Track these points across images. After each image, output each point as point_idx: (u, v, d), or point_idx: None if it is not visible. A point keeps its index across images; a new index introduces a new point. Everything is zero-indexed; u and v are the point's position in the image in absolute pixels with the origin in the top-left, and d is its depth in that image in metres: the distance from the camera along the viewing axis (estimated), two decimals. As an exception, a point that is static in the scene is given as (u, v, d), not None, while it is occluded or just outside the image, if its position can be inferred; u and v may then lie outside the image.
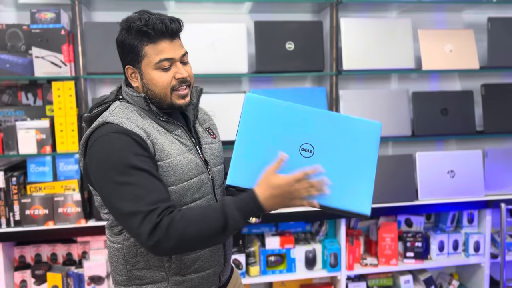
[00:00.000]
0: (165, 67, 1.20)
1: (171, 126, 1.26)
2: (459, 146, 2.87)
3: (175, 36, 1.22)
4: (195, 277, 1.27)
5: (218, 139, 1.41)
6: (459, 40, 2.60)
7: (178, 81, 1.22)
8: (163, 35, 1.19)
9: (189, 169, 1.23)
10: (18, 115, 2.35)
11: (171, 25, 1.18)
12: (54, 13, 2.21)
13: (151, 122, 1.23)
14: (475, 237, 2.64)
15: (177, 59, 1.22)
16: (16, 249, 2.39)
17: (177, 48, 1.22)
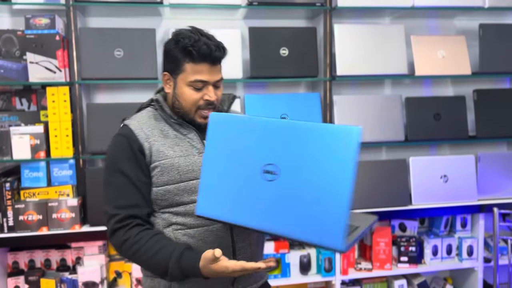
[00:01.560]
0: (197, 87, 1.27)
1: (184, 129, 1.32)
2: (452, 151, 2.89)
3: (217, 62, 1.29)
4: (198, 282, 1.25)
5: None
6: (451, 46, 2.63)
7: (205, 103, 1.29)
8: (205, 59, 1.25)
9: (188, 171, 1.26)
10: (12, 121, 2.34)
11: (215, 52, 1.26)
12: (49, 18, 2.22)
13: (164, 125, 1.32)
14: (469, 241, 2.66)
15: (211, 83, 1.29)
16: (10, 255, 2.38)
17: (215, 73, 1.29)
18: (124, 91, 2.54)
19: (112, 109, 2.32)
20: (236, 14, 2.54)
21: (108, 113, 2.30)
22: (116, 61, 2.30)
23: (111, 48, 2.29)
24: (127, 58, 2.30)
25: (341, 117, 2.52)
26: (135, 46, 2.31)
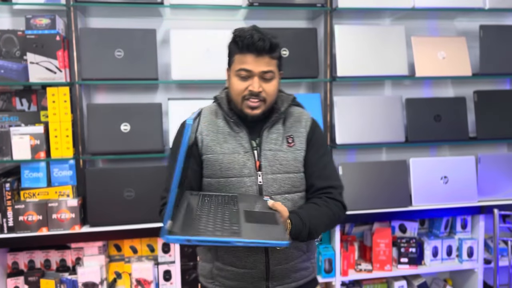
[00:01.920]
0: (242, 75, 1.32)
1: (237, 127, 1.39)
2: (452, 152, 2.89)
3: (262, 53, 1.30)
4: (231, 270, 1.36)
5: (296, 148, 1.39)
6: (451, 47, 2.63)
7: (249, 93, 1.32)
8: (249, 49, 1.30)
9: (230, 168, 1.35)
10: (12, 121, 2.34)
11: (258, 42, 1.29)
12: (49, 19, 2.21)
13: (222, 121, 1.41)
14: (469, 242, 2.66)
15: (256, 73, 1.31)
16: (9, 255, 2.37)
17: (260, 64, 1.31)
18: (124, 91, 2.54)
19: (112, 110, 2.32)
20: (237, 15, 2.54)
21: (108, 114, 2.30)
22: (116, 61, 2.30)
23: (111, 49, 2.29)
24: (127, 58, 2.30)
25: (341, 117, 2.52)
26: (136, 46, 2.31)
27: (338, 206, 1.36)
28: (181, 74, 2.37)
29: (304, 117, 1.45)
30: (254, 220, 1.09)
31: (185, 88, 2.59)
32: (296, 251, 1.38)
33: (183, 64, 2.36)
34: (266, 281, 1.37)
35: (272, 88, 1.35)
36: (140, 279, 2.35)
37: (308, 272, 1.43)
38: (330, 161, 1.43)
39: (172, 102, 2.39)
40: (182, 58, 2.36)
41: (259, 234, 1.02)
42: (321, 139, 1.44)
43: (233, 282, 1.37)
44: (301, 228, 1.25)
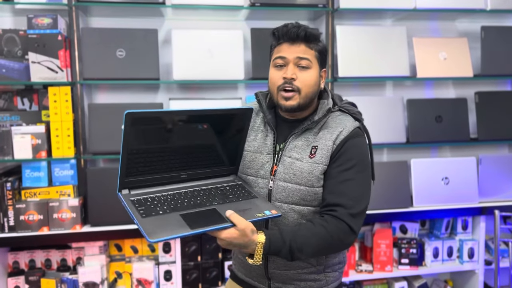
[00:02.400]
0: (277, 64, 1.30)
1: (268, 127, 1.38)
2: (453, 153, 2.89)
3: (296, 40, 1.27)
4: (242, 260, 1.44)
5: (315, 161, 1.29)
6: (453, 48, 2.63)
7: (284, 82, 1.29)
8: (283, 38, 1.29)
9: (249, 167, 1.38)
10: (14, 120, 2.34)
11: (292, 29, 1.27)
12: (51, 18, 2.21)
13: (260, 118, 1.42)
14: (469, 243, 2.66)
15: (291, 60, 1.28)
16: (10, 254, 2.37)
17: (295, 51, 1.27)
18: (126, 91, 2.54)
19: (114, 109, 2.31)
20: (238, 15, 2.54)
21: (109, 113, 2.30)
22: (118, 61, 2.30)
23: (113, 48, 2.29)
24: (129, 58, 2.30)
25: (342, 118, 2.51)
26: (137, 46, 2.31)
27: (339, 227, 1.22)
28: (182, 74, 2.37)
29: (341, 128, 1.30)
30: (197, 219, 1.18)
31: (187, 88, 2.59)
32: (300, 262, 1.34)
33: (184, 64, 2.36)
34: (268, 280, 1.39)
35: (308, 77, 1.27)
36: (141, 279, 2.35)
37: (318, 284, 1.36)
38: (357, 178, 1.27)
39: (173, 102, 2.39)
40: (184, 58, 2.36)
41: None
42: (352, 151, 1.28)
43: (244, 270, 1.45)
44: (281, 245, 1.20)
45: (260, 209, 1.23)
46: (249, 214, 1.20)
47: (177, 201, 1.23)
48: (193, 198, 1.25)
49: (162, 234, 1.08)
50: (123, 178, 1.22)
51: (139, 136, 1.21)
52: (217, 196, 1.27)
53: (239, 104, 2.46)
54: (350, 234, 1.24)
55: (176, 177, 1.31)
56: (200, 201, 1.24)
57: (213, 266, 2.42)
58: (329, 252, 1.31)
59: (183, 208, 1.20)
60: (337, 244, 1.25)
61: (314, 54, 1.29)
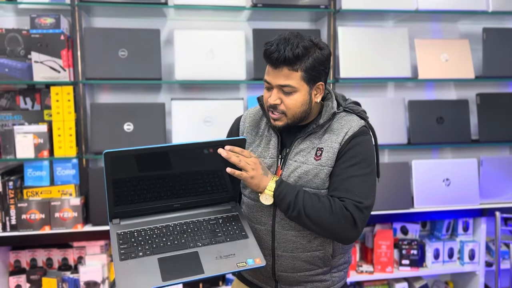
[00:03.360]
0: (265, 86, 1.30)
1: (272, 131, 1.38)
2: (454, 154, 2.89)
3: (278, 65, 1.23)
4: (250, 272, 1.44)
5: (320, 163, 1.28)
6: (454, 50, 2.64)
7: (269, 105, 1.29)
8: (267, 60, 1.25)
9: None
10: (16, 120, 2.35)
11: (272, 54, 1.21)
12: (54, 18, 2.22)
13: (264, 123, 1.41)
14: (470, 245, 2.66)
15: (273, 85, 1.26)
16: (12, 253, 2.38)
17: (277, 77, 1.24)
18: (128, 91, 2.54)
19: (116, 109, 2.32)
20: (240, 15, 2.54)
21: (111, 113, 2.31)
22: (120, 61, 2.30)
23: (115, 48, 2.30)
24: (131, 58, 2.31)
25: (344, 119, 2.52)
26: (140, 46, 2.32)
27: (344, 213, 1.22)
28: (184, 74, 2.37)
29: (346, 129, 1.30)
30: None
31: (188, 88, 2.60)
32: (307, 264, 1.33)
33: (186, 64, 2.37)
34: (275, 282, 1.39)
35: (292, 102, 1.25)
36: (142, 279, 2.36)
37: (324, 284, 1.37)
38: (361, 174, 1.26)
39: (175, 102, 2.40)
40: (186, 59, 2.37)
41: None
42: (357, 149, 1.28)
43: (251, 272, 1.45)
44: (290, 190, 1.23)
45: (244, 256, 1.20)
46: (231, 263, 1.18)
47: (161, 239, 1.21)
48: (179, 236, 1.23)
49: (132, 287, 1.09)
50: (112, 208, 1.23)
51: (122, 170, 1.20)
52: (205, 234, 1.24)
53: (241, 105, 2.46)
54: (352, 226, 1.23)
55: (169, 206, 1.29)
56: (185, 240, 1.21)
57: (214, 266, 2.42)
58: (326, 231, 1.25)
59: (165, 249, 1.18)
60: (336, 226, 1.23)
61: (300, 75, 1.22)
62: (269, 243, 1.34)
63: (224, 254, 1.19)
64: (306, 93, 1.26)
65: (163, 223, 1.26)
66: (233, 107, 2.43)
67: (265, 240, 1.34)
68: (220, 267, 1.16)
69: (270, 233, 1.33)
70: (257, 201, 1.34)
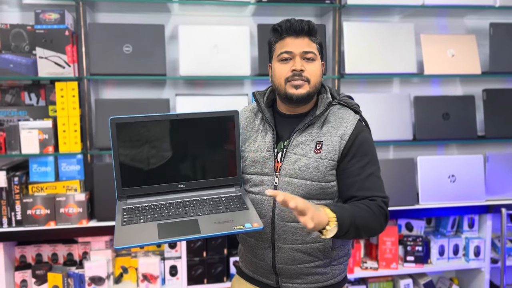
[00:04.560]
0: (284, 58, 1.32)
1: (268, 126, 1.40)
2: (460, 150, 2.87)
3: (301, 34, 1.30)
4: (248, 257, 1.45)
5: (321, 156, 1.30)
6: (461, 45, 2.61)
7: (293, 74, 1.31)
8: (287, 32, 1.31)
9: (251, 166, 1.38)
10: (21, 115, 2.35)
11: (295, 23, 1.29)
12: (59, 14, 2.22)
13: (259, 118, 1.43)
14: (476, 241, 2.65)
15: (297, 54, 1.30)
16: (17, 248, 2.39)
17: (300, 45, 1.30)
18: (132, 87, 2.54)
19: (121, 105, 2.32)
20: (245, 11, 2.53)
21: (116, 109, 2.30)
22: (124, 57, 2.30)
23: (120, 44, 2.29)
24: (135, 54, 2.30)
25: (349, 115, 2.51)
26: (144, 42, 2.31)
27: (380, 211, 1.27)
28: (188, 70, 2.37)
29: (345, 123, 1.33)
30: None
31: (193, 84, 2.59)
32: (307, 256, 1.34)
33: (191, 60, 2.36)
34: (276, 276, 1.39)
35: (314, 69, 1.32)
36: (147, 274, 2.37)
37: (325, 277, 1.38)
38: (374, 171, 1.32)
39: (179, 98, 2.39)
40: (190, 54, 2.36)
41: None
42: (364, 147, 1.32)
43: (251, 267, 1.46)
44: (343, 212, 1.18)
45: (242, 221, 1.22)
46: (228, 226, 1.20)
47: (163, 211, 1.26)
48: (180, 209, 1.28)
49: (128, 242, 1.13)
50: (119, 187, 1.30)
51: (128, 144, 1.27)
52: (206, 207, 1.28)
53: (245, 101, 2.45)
54: (385, 221, 1.30)
55: (174, 187, 1.34)
56: (186, 211, 1.26)
57: (219, 262, 2.43)
58: (373, 233, 1.29)
59: (165, 218, 1.23)
60: (378, 227, 1.28)
61: (316, 47, 1.33)
62: (269, 235, 1.35)
63: (222, 220, 1.23)
64: (320, 65, 1.35)
65: (167, 201, 1.32)
66: (237, 103, 2.42)
67: (265, 232, 1.35)
68: (217, 229, 1.19)
69: (270, 225, 1.34)
70: (256, 193, 1.36)
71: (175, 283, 2.42)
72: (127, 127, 1.27)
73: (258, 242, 1.38)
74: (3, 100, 2.38)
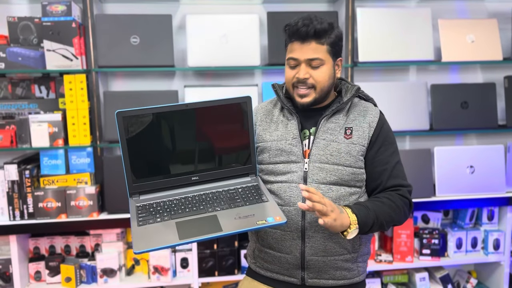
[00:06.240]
0: (291, 65, 1.32)
1: (289, 115, 1.37)
2: (479, 140, 2.77)
3: (307, 39, 1.27)
4: (269, 253, 1.37)
5: (352, 141, 1.31)
6: (481, 30, 2.49)
7: (297, 81, 1.31)
8: (294, 36, 1.29)
9: (277, 155, 1.35)
10: (32, 108, 2.36)
11: (301, 28, 1.26)
12: (65, 5, 2.19)
13: (278, 110, 1.41)
14: (495, 234, 2.56)
15: (302, 61, 1.29)
16: (31, 240, 2.42)
17: (306, 51, 1.28)
18: (142, 78, 2.51)
19: (129, 97, 2.30)
20: (255, -2, 2.46)
21: (125, 101, 2.28)
22: (132, 48, 2.27)
23: (127, 35, 2.26)
24: (143, 45, 2.27)
25: (362, 105, 2.43)
26: (151, 32, 2.27)
27: (404, 201, 1.31)
28: (197, 60, 2.32)
29: (371, 112, 1.36)
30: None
31: (202, 75, 2.55)
32: (338, 247, 1.31)
33: (199, 50, 2.32)
34: (302, 271, 1.33)
35: (321, 74, 1.29)
36: (157, 266, 2.36)
37: (351, 274, 1.34)
38: (399, 160, 1.36)
39: (188, 89, 2.36)
40: (198, 44, 2.31)
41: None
42: (390, 136, 1.36)
43: (271, 265, 1.38)
44: (366, 213, 1.23)
45: (264, 215, 1.18)
46: (251, 221, 1.16)
47: (180, 207, 1.21)
48: (197, 204, 1.23)
49: (148, 245, 1.07)
50: (130, 183, 1.25)
51: (137, 137, 1.22)
52: (223, 201, 1.24)
53: (256, 91, 2.40)
54: (409, 210, 1.33)
55: (187, 179, 1.29)
56: (204, 206, 1.22)
57: (229, 254, 2.41)
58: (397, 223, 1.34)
59: (183, 215, 1.18)
60: (402, 215, 1.31)
61: (326, 49, 1.29)
62: (298, 224, 1.30)
63: (243, 215, 1.18)
64: (331, 66, 1.32)
65: (182, 196, 1.27)
66: (247, 93, 2.35)
67: (294, 221, 1.30)
68: (239, 225, 1.15)
69: (300, 212, 1.29)
70: (284, 182, 1.32)
71: (186, 275, 2.41)
72: (135, 120, 1.22)
73: (285, 232, 1.32)
74: (14, 93, 2.39)
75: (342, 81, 1.42)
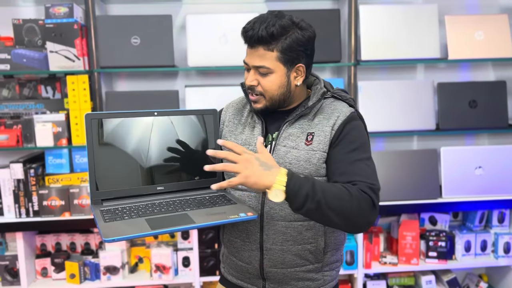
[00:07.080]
0: (245, 68, 1.26)
1: (256, 118, 1.31)
2: (489, 140, 2.68)
3: (254, 44, 1.19)
4: (232, 260, 1.35)
5: (312, 148, 1.22)
6: (491, 26, 2.41)
7: (248, 86, 1.25)
8: (243, 39, 1.22)
9: None
10: (38, 108, 2.41)
11: (248, 32, 1.19)
12: (67, 7, 2.23)
13: (247, 110, 1.35)
14: (506, 237, 2.47)
15: (251, 67, 1.23)
16: (38, 237, 2.48)
17: (253, 57, 1.21)
18: (144, 79, 2.54)
19: (131, 97, 2.32)
20: (257, -3, 2.45)
21: (127, 101, 2.31)
22: (133, 48, 2.29)
23: (127, 36, 2.28)
24: (143, 45, 2.29)
25: (366, 104, 2.39)
26: (152, 33, 2.28)
27: (362, 195, 1.10)
28: (198, 60, 2.32)
29: (338, 113, 1.24)
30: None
31: (204, 75, 2.55)
32: (298, 258, 1.27)
33: (199, 50, 2.32)
34: (263, 281, 1.31)
35: (269, 84, 1.21)
36: (159, 265, 2.39)
37: (316, 284, 1.30)
38: (362, 159, 1.19)
39: (188, 89, 2.36)
40: (199, 44, 2.31)
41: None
42: (353, 135, 1.21)
43: (235, 272, 1.36)
44: (303, 180, 1.08)
45: (235, 212, 1.16)
46: (222, 216, 1.14)
47: (148, 209, 1.18)
48: (165, 207, 1.20)
49: (118, 233, 1.04)
50: (94, 189, 1.22)
51: (105, 142, 1.20)
52: (192, 204, 1.22)
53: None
54: (371, 207, 1.12)
55: (152, 189, 1.27)
56: (173, 208, 1.19)
57: (231, 254, 2.41)
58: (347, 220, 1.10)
59: (152, 214, 1.15)
60: (357, 211, 1.09)
61: (275, 56, 1.18)
62: (257, 236, 1.27)
63: (214, 213, 1.16)
64: (283, 74, 1.21)
65: (148, 202, 1.23)
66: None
67: (252, 232, 1.27)
68: (212, 218, 1.13)
69: (258, 224, 1.26)
70: (244, 190, 1.28)
71: (188, 274, 2.43)
72: (103, 124, 1.20)
73: (244, 243, 1.30)
74: (21, 93, 2.44)
75: (316, 80, 1.32)
